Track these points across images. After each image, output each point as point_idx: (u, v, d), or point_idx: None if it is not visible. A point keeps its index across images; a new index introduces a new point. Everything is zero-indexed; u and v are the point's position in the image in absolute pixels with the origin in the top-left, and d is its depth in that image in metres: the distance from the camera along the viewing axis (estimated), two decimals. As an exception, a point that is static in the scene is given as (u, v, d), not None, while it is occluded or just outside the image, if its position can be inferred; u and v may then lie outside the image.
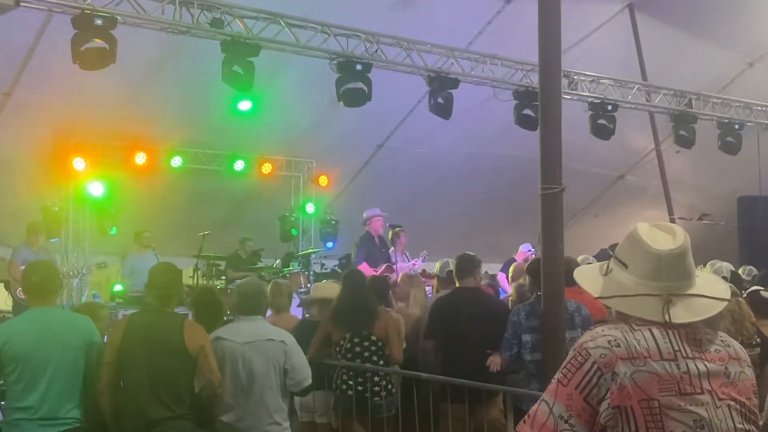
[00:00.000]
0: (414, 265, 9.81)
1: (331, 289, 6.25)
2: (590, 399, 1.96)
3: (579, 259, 7.30)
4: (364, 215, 10.01)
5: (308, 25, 8.84)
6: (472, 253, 6.05)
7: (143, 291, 4.93)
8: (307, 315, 6.43)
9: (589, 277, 2.20)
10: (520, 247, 10.79)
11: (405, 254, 10.03)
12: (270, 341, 4.65)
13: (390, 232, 10.00)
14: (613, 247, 2.03)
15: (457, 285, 5.96)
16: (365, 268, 8.88)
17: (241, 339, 4.63)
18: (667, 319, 1.99)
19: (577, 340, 2.09)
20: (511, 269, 7.86)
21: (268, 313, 6.32)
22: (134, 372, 4.31)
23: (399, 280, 7.19)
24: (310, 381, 4.77)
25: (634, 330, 2.02)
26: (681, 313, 2.01)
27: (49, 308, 4.43)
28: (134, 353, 4.32)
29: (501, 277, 9.95)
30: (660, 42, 12.12)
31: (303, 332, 5.55)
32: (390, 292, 6.70)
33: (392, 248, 9.94)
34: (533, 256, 10.18)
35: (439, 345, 5.64)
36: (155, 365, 4.29)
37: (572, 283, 2.43)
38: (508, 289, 9.18)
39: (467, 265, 5.93)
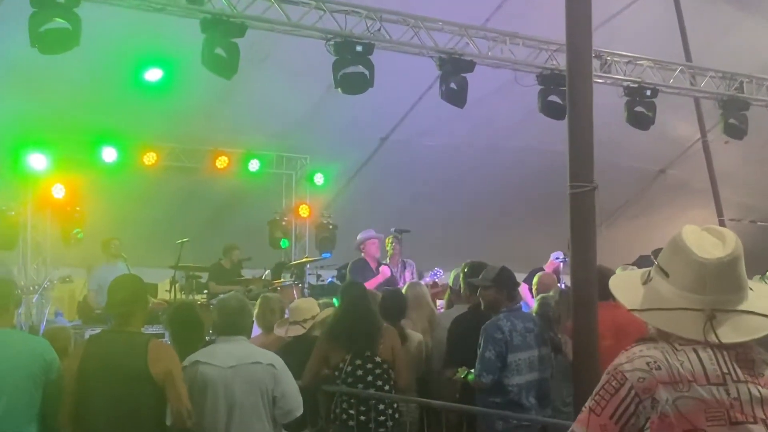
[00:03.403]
0: (408, 275, 9.72)
1: (309, 308, 6.24)
2: (627, 430, 1.96)
3: (617, 270, 7.30)
4: (357, 238, 10.00)
5: (301, 1, 8.85)
6: (482, 261, 6.05)
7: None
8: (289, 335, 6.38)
9: (626, 286, 2.19)
10: (552, 255, 10.74)
11: (404, 263, 9.95)
12: (256, 365, 4.63)
13: (387, 239, 9.95)
14: (657, 252, 2.02)
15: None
16: None
17: (222, 363, 4.61)
18: (711, 339, 1.98)
19: (612, 363, 2.09)
20: (534, 280, 7.85)
21: (257, 332, 6.36)
22: (94, 403, 4.28)
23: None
24: (301, 410, 4.76)
25: (677, 350, 2.01)
26: (728, 332, 2.00)
27: (1, 330, 4.42)
28: (93, 381, 4.30)
29: (524, 290, 9.91)
30: (706, 17, 12.08)
31: (294, 353, 5.54)
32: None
33: (386, 259, 9.89)
34: (562, 265, 10.17)
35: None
36: (116, 395, 4.27)
37: (607, 296, 2.43)
38: (531, 303, 9.15)
39: (477, 273, 5.89)
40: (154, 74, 9.57)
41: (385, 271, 9.53)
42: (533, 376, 5.33)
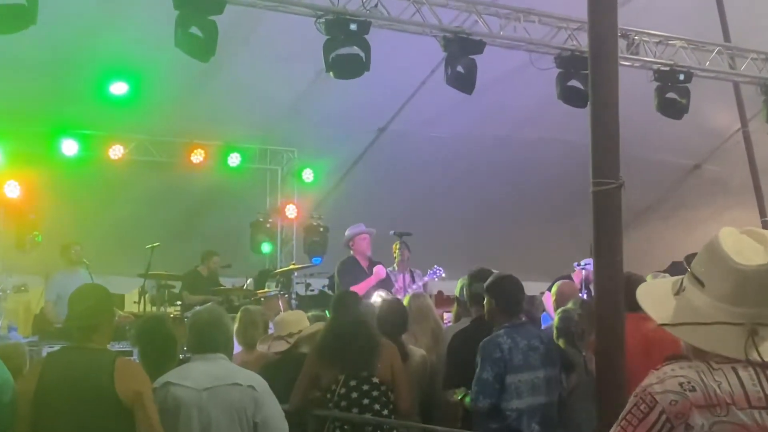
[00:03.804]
0: (415, 286, 9.75)
1: (296, 322, 6.25)
2: (657, 459, 1.96)
3: (647, 278, 7.30)
4: (345, 234, 10.02)
5: (287, -27, 8.86)
6: (487, 268, 6.05)
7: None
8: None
9: (655, 296, 2.19)
10: (582, 262, 10.68)
11: (412, 273, 9.98)
12: (235, 386, 4.61)
13: (395, 244, 9.98)
14: (690, 258, 2.02)
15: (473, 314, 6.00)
16: None
17: (196, 384, 4.60)
18: (753, 357, 1.99)
19: (640, 383, 2.09)
20: (554, 289, 7.85)
21: (238, 349, 6.36)
22: (53, 429, 4.28)
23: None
24: (287, 438, 4.76)
25: (714, 369, 2.01)
26: (773, 350, 2.01)
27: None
28: (52, 405, 4.28)
29: (547, 299, 9.93)
30: (747, -9, 12.12)
31: (279, 373, 5.54)
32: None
33: (393, 266, 9.91)
34: (586, 273, 10.15)
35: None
36: (79, 419, 4.25)
37: (635, 307, 2.43)
38: (554, 315, 9.14)
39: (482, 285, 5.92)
40: (119, 88, 9.68)
41: (379, 272, 9.55)
42: (536, 400, 5.34)
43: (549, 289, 9.84)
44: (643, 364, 4.06)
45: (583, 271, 10.24)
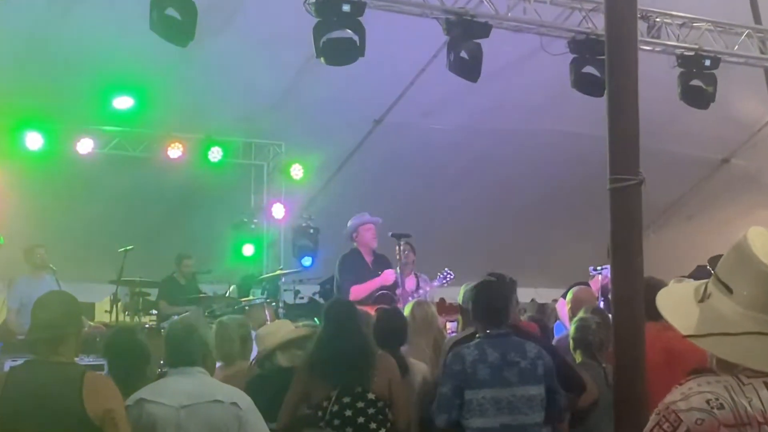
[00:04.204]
0: (421, 292, 9.74)
1: (279, 331, 6.23)
2: (682, 483, 1.96)
3: (670, 284, 7.30)
4: (348, 224, 9.99)
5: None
6: (499, 273, 6.05)
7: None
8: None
9: (677, 304, 2.19)
10: (600, 267, 10.64)
11: (417, 277, 9.98)
12: (216, 404, 4.60)
13: (397, 247, 9.95)
14: (715, 261, 2.01)
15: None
16: (356, 297, 8.85)
17: (174, 401, 4.59)
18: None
19: (663, 400, 2.08)
20: (569, 296, 7.85)
21: (218, 364, 6.35)
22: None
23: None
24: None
25: (744, 384, 2.01)
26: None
27: None
28: (15, 424, 4.27)
29: (561, 307, 9.91)
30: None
31: (265, 389, 5.53)
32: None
33: (396, 269, 9.90)
34: (604, 279, 10.14)
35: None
36: (46, 440, 4.25)
37: (657, 315, 2.43)
38: (568, 324, 9.11)
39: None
40: (124, 102, 9.70)
41: (387, 276, 9.45)
42: (505, 419, 5.32)
43: (563, 296, 9.85)
44: (664, 379, 4.06)
45: (600, 276, 10.23)
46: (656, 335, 4.98)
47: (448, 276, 10.02)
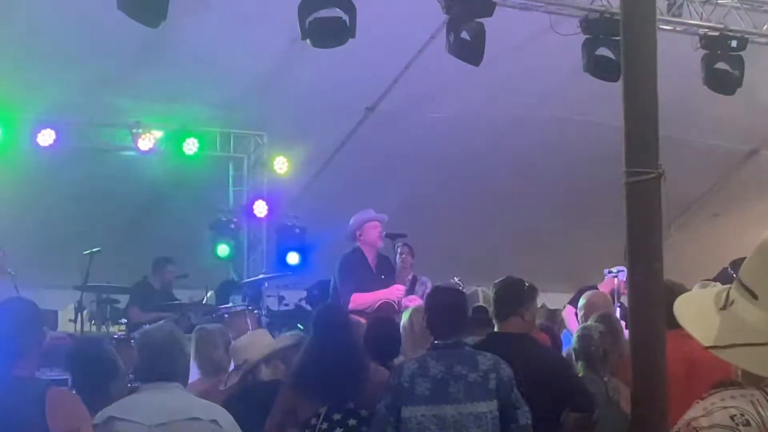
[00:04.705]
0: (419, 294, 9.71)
1: (256, 344, 6.24)
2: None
3: (694, 288, 7.32)
4: (351, 222, 9.93)
5: None
6: (517, 278, 6.07)
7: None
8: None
9: (696, 312, 2.20)
10: (615, 269, 10.66)
11: (415, 281, 9.95)
12: (194, 421, 4.61)
13: (397, 246, 9.93)
14: (737, 264, 2.02)
15: (495, 328, 5.98)
16: (357, 306, 8.83)
17: (147, 419, 4.59)
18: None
19: (683, 416, 2.10)
20: (582, 301, 7.86)
21: (196, 376, 6.36)
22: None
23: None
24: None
25: (772, 398, 2.02)
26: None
27: None
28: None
29: (568, 314, 9.92)
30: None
31: (247, 405, 5.52)
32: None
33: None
34: (618, 282, 10.16)
35: None
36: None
37: (676, 323, 2.44)
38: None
39: (512, 295, 5.96)
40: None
41: (394, 292, 9.28)
42: None
43: (571, 302, 9.87)
44: (685, 392, 4.09)
45: (615, 279, 10.25)
46: (675, 344, 4.98)
47: (458, 286, 9.95)
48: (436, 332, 5.58)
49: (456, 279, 9.87)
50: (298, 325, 9.74)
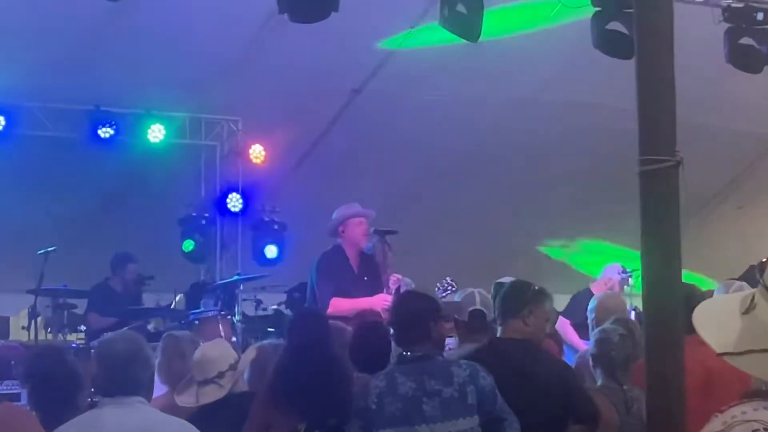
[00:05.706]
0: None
1: (220, 357, 6.25)
2: None
3: (717, 288, 7.33)
4: (334, 215, 9.93)
5: None
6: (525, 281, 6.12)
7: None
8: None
9: (716, 317, 2.21)
10: (604, 268, 10.76)
11: (400, 282, 9.93)
12: (159, 440, 4.63)
13: (384, 247, 9.91)
14: (763, 266, 2.02)
15: (498, 334, 6.02)
16: (336, 312, 8.81)
17: (107, 438, 4.61)
18: None
19: (702, 430, 2.09)
20: (592, 303, 7.85)
21: (161, 389, 6.36)
22: None
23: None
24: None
25: (796, 410, 2.02)
26: None
27: None
28: None
29: (562, 325, 9.93)
30: None
31: (215, 421, 5.52)
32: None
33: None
34: (619, 282, 10.20)
35: None
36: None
37: (693, 328, 2.45)
38: (577, 342, 9.15)
39: (513, 297, 5.99)
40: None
41: (378, 302, 9.12)
42: None
43: (563, 313, 9.89)
44: (702, 404, 4.10)
45: (611, 280, 10.28)
46: (693, 352, 4.98)
47: (450, 288, 9.95)
48: (402, 343, 5.54)
49: (448, 279, 9.90)
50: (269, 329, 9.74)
